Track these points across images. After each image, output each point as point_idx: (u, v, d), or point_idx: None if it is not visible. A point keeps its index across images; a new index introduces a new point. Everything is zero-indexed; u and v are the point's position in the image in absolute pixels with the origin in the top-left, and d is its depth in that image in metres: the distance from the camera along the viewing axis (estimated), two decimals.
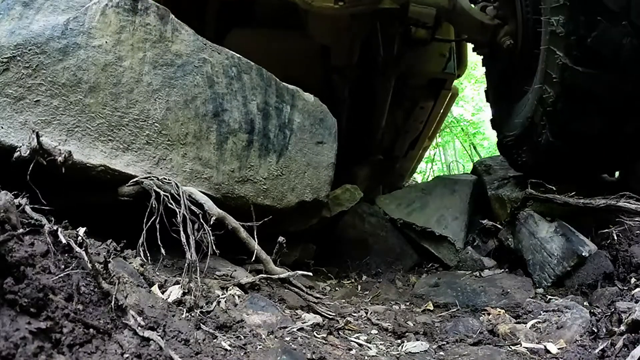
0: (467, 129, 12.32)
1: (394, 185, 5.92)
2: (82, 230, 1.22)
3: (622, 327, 1.38)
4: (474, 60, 5.49)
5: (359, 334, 1.72)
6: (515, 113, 2.95)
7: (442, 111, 5.30)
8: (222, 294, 1.59)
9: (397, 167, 5.81)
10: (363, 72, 4.31)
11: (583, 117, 2.38)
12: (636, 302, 1.65)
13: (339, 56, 4.12)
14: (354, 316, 1.94)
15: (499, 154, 3.71)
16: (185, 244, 1.54)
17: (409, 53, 4.08)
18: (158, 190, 1.70)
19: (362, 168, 4.94)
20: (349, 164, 4.31)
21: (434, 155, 12.28)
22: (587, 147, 2.52)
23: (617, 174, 3.10)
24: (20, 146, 1.50)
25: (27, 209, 1.27)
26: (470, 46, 3.94)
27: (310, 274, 1.99)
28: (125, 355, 0.94)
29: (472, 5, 3.13)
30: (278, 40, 4.06)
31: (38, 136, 1.45)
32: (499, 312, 1.99)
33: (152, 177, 1.77)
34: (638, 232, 2.33)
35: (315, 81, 4.20)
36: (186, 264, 1.49)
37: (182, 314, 1.28)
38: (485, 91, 3.82)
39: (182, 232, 1.56)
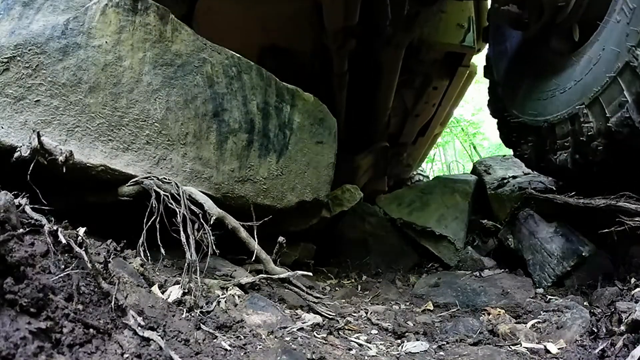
0: (467, 129, 12.32)
1: (400, 176, 5.35)
2: (82, 230, 1.22)
3: (622, 327, 1.38)
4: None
5: (359, 334, 1.72)
6: (538, 93, 2.54)
7: (457, 92, 4.47)
8: (222, 294, 1.59)
9: (405, 155, 5.10)
10: (365, 40, 3.45)
11: None
12: (636, 302, 1.65)
13: (334, 16, 3.18)
14: (354, 316, 1.94)
15: (498, 154, 3.67)
16: (185, 243, 1.54)
17: (423, 15, 3.23)
18: (158, 190, 1.70)
19: (365, 157, 4.34)
20: (350, 152, 3.78)
21: (434, 155, 12.28)
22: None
23: None
24: (21, 146, 1.50)
25: (27, 209, 1.27)
26: None
27: (310, 274, 1.98)
28: (125, 355, 0.94)
29: None
30: (261, 1, 3.26)
31: (39, 136, 1.45)
32: (499, 312, 1.99)
33: (152, 177, 1.77)
34: (638, 232, 2.33)
35: (307, 51, 3.51)
36: (186, 264, 1.49)
37: (182, 314, 1.28)
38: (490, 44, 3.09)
39: (182, 232, 1.56)
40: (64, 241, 1.08)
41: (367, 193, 4.28)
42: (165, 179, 1.77)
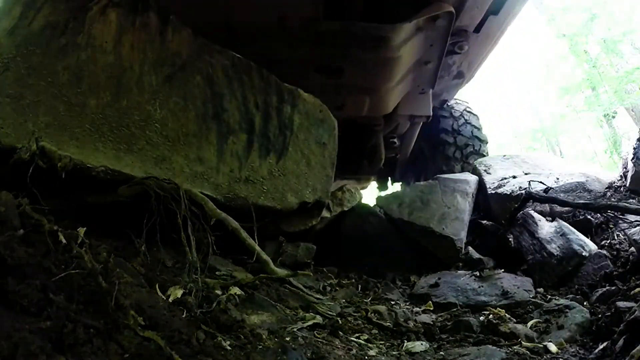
0: None
1: (440, 97, 3.39)
2: (82, 230, 1.22)
3: (622, 327, 1.39)
4: None
5: (359, 334, 1.72)
6: None
7: None
8: (222, 294, 1.59)
9: (465, 50, 2.71)
10: None
11: None
12: (636, 301, 1.65)
13: None
14: (354, 316, 1.94)
15: (498, 154, 3.64)
16: (186, 244, 1.54)
17: None
18: (158, 191, 1.69)
19: (412, 36, 2.32)
20: (376, 17, 2.17)
21: None
22: None
23: None
24: (21, 147, 1.50)
25: (28, 209, 1.27)
26: None
27: (310, 274, 1.99)
28: (126, 355, 0.94)
29: None
30: None
31: (37, 141, 1.45)
32: (499, 312, 1.99)
33: (153, 178, 1.77)
34: (638, 231, 2.33)
35: None
36: (187, 264, 1.49)
37: (182, 314, 1.28)
38: None
39: (182, 233, 1.56)
40: (64, 241, 1.08)
41: (398, 113, 2.80)
42: (166, 179, 1.77)
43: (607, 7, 13.53)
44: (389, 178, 5.23)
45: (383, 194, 3.65)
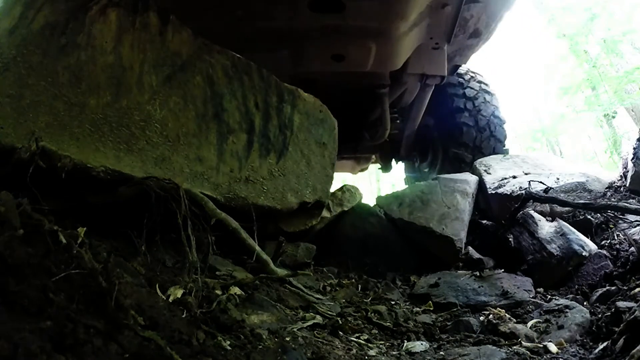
0: None
1: (453, 60, 3.08)
2: (82, 230, 1.22)
3: (622, 327, 1.39)
4: None
5: (359, 334, 1.72)
6: None
7: None
8: (222, 294, 1.59)
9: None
10: None
11: None
12: (636, 301, 1.66)
13: None
14: (354, 316, 1.94)
15: (498, 153, 3.60)
16: (186, 244, 1.54)
17: None
18: (158, 191, 1.69)
19: None
20: None
21: None
22: None
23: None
24: (21, 147, 1.50)
25: (28, 209, 1.27)
26: None
27: (310, 274, 1.99)
28: (126, 355, 0.94)
29: None
30: None
31: (37, 141, 1.45)
32: (499, 312, 1.99)
33: (153, 178, 1.77)
34: (638, 231, 2.33)
35: None
36: (187, 264, 1.49)
37: (182, 314, 1.28)
38: None
39: (182, 233, 1.56)
40: (64, 241, 1.08)
41: (408, 72, 2.58)
42: (166, 179, 1.77)
43: (607, 7, 13.53)
44: (393, 158, 4.76)
45: (384, 193, 3.67)
